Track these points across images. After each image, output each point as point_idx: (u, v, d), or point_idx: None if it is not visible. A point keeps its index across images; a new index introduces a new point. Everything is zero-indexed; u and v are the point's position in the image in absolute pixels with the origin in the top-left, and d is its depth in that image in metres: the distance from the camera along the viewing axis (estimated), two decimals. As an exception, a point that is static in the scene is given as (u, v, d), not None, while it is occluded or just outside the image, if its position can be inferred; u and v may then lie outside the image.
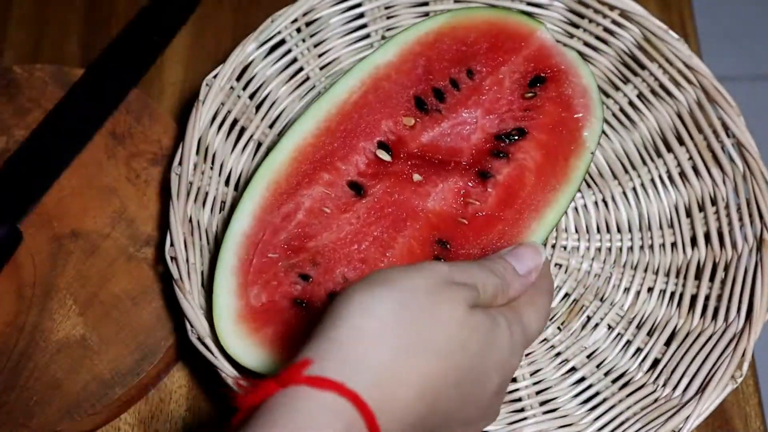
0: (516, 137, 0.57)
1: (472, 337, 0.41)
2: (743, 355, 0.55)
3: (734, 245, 0.60)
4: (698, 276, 0.61)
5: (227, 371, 0.53)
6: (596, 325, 0.62)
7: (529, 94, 0.58)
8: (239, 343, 0.52)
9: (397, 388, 0.38)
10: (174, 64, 0.75)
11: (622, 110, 0.66)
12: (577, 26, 0.66)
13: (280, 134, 0.65)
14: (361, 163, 0.56)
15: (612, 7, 0.63)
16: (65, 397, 0.59)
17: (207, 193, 0.60)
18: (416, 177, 0.56)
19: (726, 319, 0.57)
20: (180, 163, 0.58)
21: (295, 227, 0.54)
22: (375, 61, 0.58)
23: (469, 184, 0.56)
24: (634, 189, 0.65)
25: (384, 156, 0.57)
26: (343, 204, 0.55)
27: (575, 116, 0.58)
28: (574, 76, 0.59)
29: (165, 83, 0.74)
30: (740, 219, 0.60)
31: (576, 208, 0.65)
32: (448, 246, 0.53)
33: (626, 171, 0.65)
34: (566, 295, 0.63)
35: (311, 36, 0.66)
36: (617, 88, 0.65)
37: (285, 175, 0.55)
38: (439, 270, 0.42)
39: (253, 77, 0.63)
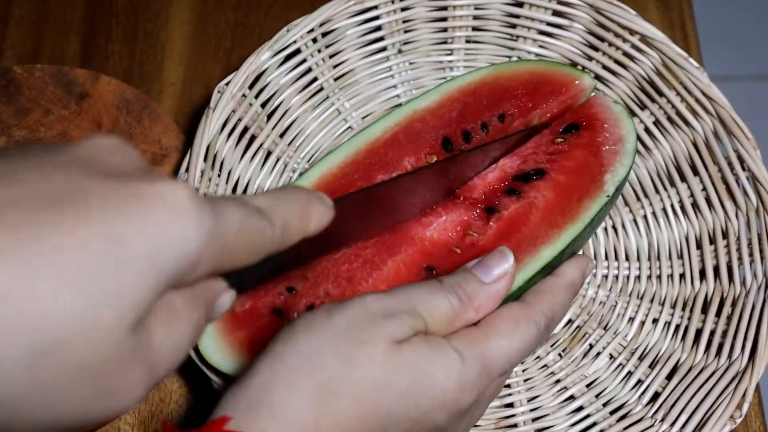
0: (534, 177, 0.56)
1: (398, 375, 0.39)
2: (744, 395, 0.54)
3: (743, 281, 0.58)
4: (705, 310, 0.60)
5: (215, 378, 0.54)
6: (598, 353, 0.61)
7: (559, 140, 0.57)
8: (210, 343, 0.52)
9: None
10: (174, 64, 0.75)
11: (637, 136, 0.65)
12: (596, 49, 0.65)
13: (310, 162, 0.65)
14: None
15: (632, 32, 0.63)
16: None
17: (213, 201, 0.60)
18: None
19: (730, 356, 0.56)
20: (187, 170, 0.58)
21: None
22: (414, 106, 0.59)
23: (473, 215, 0.55)
24: (645, 217, 0.64)
25: None
26: None
27: (601, 161, 0.55)
28: (612, 126, 0.57)
29: (165, 83, 0.74)
30: (751, 254, 0.59)
31: (585, 234, 0.64)
32: (434, 272, 0.53)
33: (638, 198, 0.64)
34: (569, 321, 0.62)
35: (327, 47, 0.65)
36: (634, 114, 0.64)
37: None
38: (367, 303, 0.40)
39: (266, 86, 0.63)
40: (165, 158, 0.68)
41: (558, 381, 0.60)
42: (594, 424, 0.58)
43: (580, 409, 0.59)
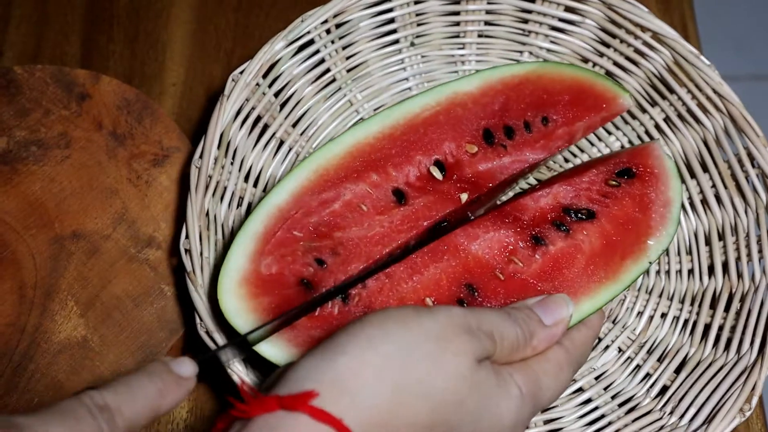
0: (583, 217, 0.56)
1: (472, 394, 0.41)
2: (753, 388, 0.54)
3: (752, 277, 0.59)
4: (713, 305, 0.60)
5: (236, 370, 0.53)
6: (607, 347, 0.61)
7: (614, 182, 0.58)
8: (234, 303, 0.51)
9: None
10: (175, 64, 0.75)
11: (647, 133, 0.65)
12: (608, 45, 0.65)
13: (314, 144, 0.65)
14: (413, 174, 0.57)
15: (644, 29, 0.63)
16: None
17: (225, 188, 0.60)
18: (463, 197, 0.56)
19: (738, 351, 0.57)
20: (201, 156, 0.58)
21: (328, 214, 0.54)
22: (455, 87, 0.59)
23: (520, 243, 0.55)
24: (655, 213, 0.64)
25: (437, 174, 0.57)
26: (381, 206, 0.55)
27: (648, 222, 0.57)
28: (663, 185, 0.58)
29: (166, 84, 0.74)
30: (760, 251, 0.59)
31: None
32: (476, 294, 0.53)
33: (648, 194, 0.65)
34: (578, 314, 0.63)
35: (340, 38, 0.66)
36: (644, 111, 0.65)
37: (335, 165, 0.55)
38: (454, 315, 0.42)
39: (279, 75, 0.63)
40: (166, 159, 0.67)
41: (566, 374, 0.61)
42: (602, 416, 0.58)
43: (588, 401, 0.60)
